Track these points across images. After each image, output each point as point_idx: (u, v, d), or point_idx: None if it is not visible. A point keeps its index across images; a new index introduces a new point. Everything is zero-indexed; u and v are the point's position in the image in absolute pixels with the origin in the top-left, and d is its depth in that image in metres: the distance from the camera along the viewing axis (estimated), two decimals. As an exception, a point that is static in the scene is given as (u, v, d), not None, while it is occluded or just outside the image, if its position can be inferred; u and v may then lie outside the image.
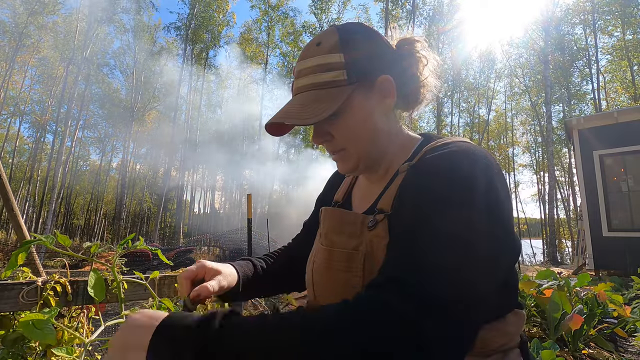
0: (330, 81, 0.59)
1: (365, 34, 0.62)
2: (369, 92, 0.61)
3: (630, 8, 20.84)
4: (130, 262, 12.14)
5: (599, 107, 23.05)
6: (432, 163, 0.54)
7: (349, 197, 0.75)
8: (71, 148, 27.23)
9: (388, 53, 0.64)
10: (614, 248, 6.48)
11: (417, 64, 0.66)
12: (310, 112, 0.57)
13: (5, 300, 1.24)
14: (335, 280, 0.62)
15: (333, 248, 0.64)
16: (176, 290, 1.70)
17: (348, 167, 0.65)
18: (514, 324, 0.58)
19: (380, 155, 0.65)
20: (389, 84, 0.61)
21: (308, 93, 0.60)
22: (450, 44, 29.06)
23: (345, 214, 0.67)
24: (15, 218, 1.72)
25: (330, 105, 0.57)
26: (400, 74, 0.64)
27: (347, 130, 0.61)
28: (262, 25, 29.64)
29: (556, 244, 19.08)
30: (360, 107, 0.60)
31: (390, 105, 0.63)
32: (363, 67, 0.60)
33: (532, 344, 1.64)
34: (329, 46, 0.60)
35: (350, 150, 0.63)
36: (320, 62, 0.60)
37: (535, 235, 38.45)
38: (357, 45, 0.61)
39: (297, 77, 0.63)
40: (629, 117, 6.84)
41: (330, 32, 0.62)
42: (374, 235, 0.58)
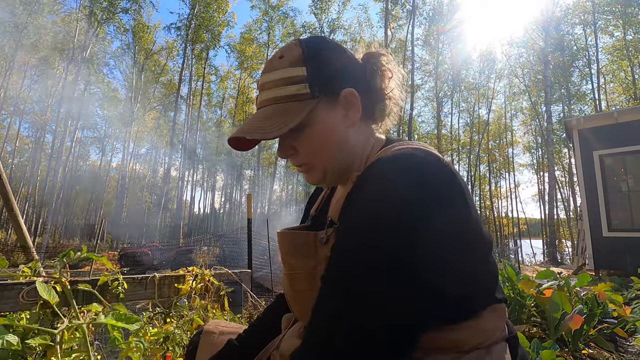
0: (293, 95, 0.58)
1: (328, 48, 0.62)
2: (333, 106, 0.61)
3: (631, 8, 20.85)
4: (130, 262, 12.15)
5: (599, 107, 23.06)
6: (367, 177, 0.53)
7: (325, 207, 0.75)
8: (71, 148, 27.25)
9: (352, 67, 0.63)
10: (614, 248, 6.48)
11: (382, 77, 0.65)
12: (271, 126, 0.57)
13: (5, 300, 1.24)
14: (304, 301, 0.63)
15: (293, 272, 0.65)
16: (176, 290, 1.70)
17: (314, 179, 0.65)
18: (491, 321, 0.57)
19: (346, 167, 0.65)
20: (353, 98, 0.61)
21: (270, 107, 0.60)
22: (450, 44, 29.09)
23: (296, 236, 0.66)
24: (15, 218, 1.73)
25: (292, 119, 0.57)
26: (365, 87, 0.63)
27: (311, 144, 0.61)
28: (262, 26, 29.67)
29: (556, 244, 19.08)
30: (324, 121, 0.60)
31: (355, 119, 0.62)
32: (326, 80, 0.60)
33: (532, 344, 1.64)
34: (291, 59, 0.60)
35: (315, 164, 0.63)
36: (283, 75, 0.59)
37: (535, 235, 38.48)
38: (320, 59, 0.60)
39: (260, 91, 0.63)
40: (629, 117, 6.84)
41: (293, 46, 0.62)
42: (327, 250, 0.58)
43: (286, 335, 0.75)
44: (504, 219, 34.55)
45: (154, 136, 34.81)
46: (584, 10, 23.45)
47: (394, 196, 0.47)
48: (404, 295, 0.45)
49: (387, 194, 0.47)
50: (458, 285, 0.50)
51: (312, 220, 0.77)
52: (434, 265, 0.46)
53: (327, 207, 0.74)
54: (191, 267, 1.80)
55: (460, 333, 0.53)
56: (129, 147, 31.39)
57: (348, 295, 0.45)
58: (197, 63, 29.38)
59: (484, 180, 33.70)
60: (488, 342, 0.56)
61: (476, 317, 0.55)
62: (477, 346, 0.54)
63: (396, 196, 0.47)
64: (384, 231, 0.45)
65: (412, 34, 24.47)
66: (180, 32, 27.49)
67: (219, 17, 28.02)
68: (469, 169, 31.71)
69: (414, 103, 25.28)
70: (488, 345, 0.56)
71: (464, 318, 0.54)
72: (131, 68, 28.99)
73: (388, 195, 0.47)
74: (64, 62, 25.73)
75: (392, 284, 0.44)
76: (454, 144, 32.21)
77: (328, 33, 27.16)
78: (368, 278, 0.44)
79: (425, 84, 31.85)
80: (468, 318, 0.54)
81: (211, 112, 34.67)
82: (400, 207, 0.46)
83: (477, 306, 0.56)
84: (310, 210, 0.81)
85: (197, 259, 12.82)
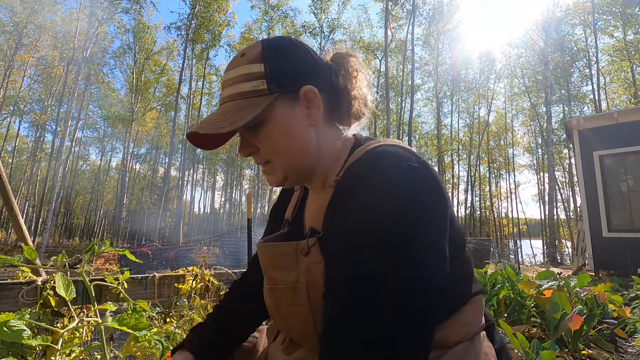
0: (251, 91, 0.59)
1: (290, 46, 0.63)
2: (292, 103, 0.60)
3: (631, 8, 20.85)
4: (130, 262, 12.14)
5: (599, 107, 23.06)
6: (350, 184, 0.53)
7: (300, 211, 0.73)
8: (71, 148, 27.27)
9: (315, 66, 0.63)
10: (613, 248, 6.48)
11: (347, 77, 0.65)
12: (226, 121, 0.57)
13: (5, 300, 1.24)
14: (287, 315, 0.62)
15: (275, 286, 0.63)
16: (176, 290, 1.70)
17: (275, 180, 0.64)
18: (472, 314, 0.59)
19: (309, 168, 0.63)
20: (313, 95, 0.60)
21: (229, 103, 0.60)
22: (450, 44, 29.11)
23: (277, 248, 0.64)
24: (15, 218, 1.73)
25: (246, 115, 0.57)
26: (329, 87, 0.63)
27: (271, 141, 0.61)
28: (262, 26, 29.65)
29: (556, 244, 19.08)
30: (283, 118, 0.60)
31: (317, 117, 0.61)
32: (285, 77, 0.60)
33: (532, 344, 1.64)
34: (251, 57, 0.60)
35: (275, 163, 0.62)
36: (243, 72, 0.60)
37: (535, 235, 38.47)
38: (279, 56, 0.61)
39: (223, 88, 0.63)
40: (629, 117, 6.84)
41: (255, 44, 0.63)
42: (309, 261, 0.58)
43: (272, 348, 0.74)
44: (504, 219, 34.55)
45: (154, 136, 34.83)
46: (584, 10, 23.46)
47: (389, 207, 0.46)
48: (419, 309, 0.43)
49: (380, 204, 0.46)
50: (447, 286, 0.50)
51: (289, 226, 0.73)
52: (433, 272, 0.46)
53: (302, 211, 0.72)
54: (191, 267, 1.81)
55: (444, 331, 0.54)
56: (129, 147, 31.39)
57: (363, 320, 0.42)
58: (198, 63, 29.39)
59: (484, 181, 33.71)
60: (470, 334, 0.58)
61: (458, 313, 0.57)
62: (460, 340, 0.56)
63: (391, 208, 0.46)
64: (388, 247, 0.44)
65: (412, 34, 24.46)
66: (181, 31, 27.49)
67: (219, 17, 28.02)
68: (469, 169, 31.72)
69: (414, 103, 25.28)
70: (470, 337, 0.58)
71: (448, 316, 0.55)
72: (131, 68, 28.99)
73: (382, 207, 0.46)
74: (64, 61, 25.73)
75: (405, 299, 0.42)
76: (454, 144, 32.21)
77: (328, 33, 27.16)
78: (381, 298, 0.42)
79: (425, 84, 31.88)
80: (451, 315, 0.56)
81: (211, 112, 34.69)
82: (397, 219, 0.45)
83: (459, 302, 0.58)
84: (285, 213, 0.77)
85: (197, 259, 12.82)
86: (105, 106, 30.81)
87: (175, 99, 26.79)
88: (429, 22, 27.52)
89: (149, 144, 36.91)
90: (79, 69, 22.83)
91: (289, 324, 0.64)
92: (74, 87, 23.19)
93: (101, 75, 29.42)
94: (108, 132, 34.70)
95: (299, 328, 0.61)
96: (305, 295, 0.58)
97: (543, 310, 2.40)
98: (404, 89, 28.10)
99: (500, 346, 0.63)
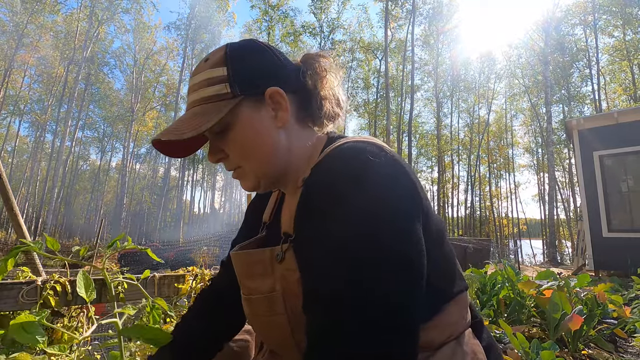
0: (214, 95, 0.57)
1: (253, 48, 0.62)
2: (258, 106, 0.59)
3: (630, 8, 20.85)
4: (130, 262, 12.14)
5: (599, 107, 23.06)
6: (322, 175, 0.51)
7: (277, 213, 0.70)
8: (71, 148, 27.27)
9: (281, 67, 0.62)
10: (613, 248, 6.48)
11: (315, 78, 0.63)
12: (189, 126, 0.55)
13: (5, 300, 1.24)
14: (265, 325, 0.61)
15: (251, 296, 0.62)
16: (176, 290, 1.70)
17: (248, 185, 0.62)
18: (456, 313, 0.57)
19: (281, 171, 0.62)
20: (278, 97, 0.59)
21: (194, 108, 0.59)
22: (450, 44, 29.12)
23: (250, 255, 0.63)
24: (15, 218, 1.72)
25: (209, 119, 0.55)
26: (297, 88, 0.62)
27: (238, 145, 0.59)
28: (262, 25, 29.66)
29: (556, 244, 19.08)
30: (249, 121, 0.58)
31: (284, 119, 0.60)
32: (248, 79, 0.59)
33: (532, 344, 1.64)
34: (214, 61, 0.59)
35: (245, 168, 0.61)
36: (206, 76, 0.59)
37: (535, 235, 38.48)
38: (242, 59, 0.60)
39: (188, 94, 0.62)
40: (629, 117, 6.84)
41: (219, 49, 0.61)
42: (284, 269, 0.56)
43: None
44: (504, 219, 34.56)
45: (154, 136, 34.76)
46: (584, 10, 23.47)
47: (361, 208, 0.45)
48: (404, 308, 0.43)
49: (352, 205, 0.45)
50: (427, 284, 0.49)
51: (266, 229, 0.71)
52: (413, 269, 0.45)
53: (279, 214, 0.69)
54: (191, 267, 1.81)
55: (428, 332, 0.52)
56: (129, 147, 31.39)
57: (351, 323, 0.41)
58: (197, 63, 29.41)
59: (484, 181, 33.70)
60: (456, 333, 0.56)
61: (442, 312, 0.55)
62: (445, 341, 0.54)
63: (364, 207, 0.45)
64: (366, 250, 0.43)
65: (412, 34, 24.47)
66: (181, 31, 27.50)
67: (219, 17, 28.04)
68: (469, 169, 31.73)
69: (414, 103, 25.28)
70: (456, 337, 0.56)
71: (432, 316, 0.54)
72: (131, 68, 28.99)
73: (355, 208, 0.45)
74: (64, 61, 25.73)
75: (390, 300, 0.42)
76: (454, 144, 32.22)
77: (328, 33, 27.17)
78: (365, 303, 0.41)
79: (425, 84, 31.88)
80: (434, 315, 0.54)
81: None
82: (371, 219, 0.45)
83: (442, 300, 0.55)
84: (262, 215, 0.75)
85: (196, 259, 12.81)
86: (106, 106, 30.80)
87: (175, 99, 26.80)
88: (429, 22, 27.55)
89: (149, 144, 36.90)
90: (79, 69, 22.84)
91: (267, 333, 0.63)
92: (74, 87, 23.19)
93: (101, 75, 29.43)
94: (108, 132, 34.71)
95: (277, 338, 0.60)
96: (282, 305, 0.56)
97: (543, 310, 2.41)
98: (404, 89, 28.10)
99: (489, 343, 0.61)
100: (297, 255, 0.55)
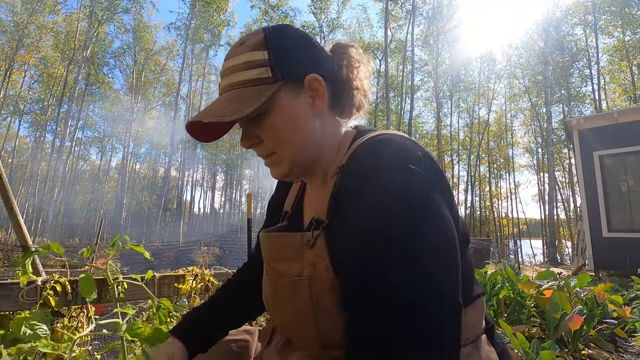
0: (254, 79, 0.56)
1: (293, 34, 0.61)
2: (297, 92, 0.58)
3: (630, 8, 20.84)
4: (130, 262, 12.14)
5: (599, 107, 23.06)
6: (362, 166, 0.51)
7: (299, 204, 0.70)
8: (71, 148, 27.26)
9: (318, 55, 0.61)
10: (613, 248, 6.48)
11: (349, 68, 0.63)
12: (230, 109, 0.54)
13: (5, 300, 1.24)
14: (286, 309, 0.60)
15: (277, 278, 0.61)
16: (176, 290, 1.70)
17: (280, 172, 0.61)
18: (473, 317, 0.58)
19: (313, 159, 0.61)
20: (317, 84, 0.58)
21: (231, 92, 0.57)
22: (450, 44, 29.10)
23: (282, 238, 0.62)
24: (15, 218, 1.72)
25: (251, 103, 0.54)
26: (332, 77, 0.62)
27: (275, 131, 0.58)
28: (262, 25, 29.61)
29: (556, 244, 19.08)
30: (288, 107, 0.57)
31: (321, 106, 0.59)
32: (289, 65, 0.57)
33: (532, 344, 1.64)
34: (253, 44, 0.57)
35: (280, 154, 0.59)
36: (244, 60, 0.57)
37: (535, 235, 38.45)
38: (283, 44, 0.58)
39: (222, 78, 0.60)
40: (629, 117, 6.84)
41: (256, 32, 0.60)
42: (314, 255, 0.55)
43: (266, 352, 0.72)
44: (504, 219, 34.55)
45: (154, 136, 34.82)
46: (584, 10, 23.46)
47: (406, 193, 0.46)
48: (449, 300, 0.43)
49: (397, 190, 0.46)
50: None
51: (288, 219, 0.71)
52: (455, 266, 0.46)
53: (301, 204, 0.69)
54: (191, 267, 1.80)
55: None
56: (129, 147, 31.39)
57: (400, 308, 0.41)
58: (197, 63, 29.39)
59: (484, 181, 33.69)
60: (473, 337, 0.57)
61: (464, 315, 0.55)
62: (463, 344, 0.55)
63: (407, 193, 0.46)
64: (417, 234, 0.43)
65: (412, 34, 24.47)
66: (180, 31, 27.49)
67: (219, 17, 28.03)
68: (468, 169, 31.72)
69: (414, 103, 25.27)
70: (473, 340, 0.57)
71: None
72: (131, 68, 28.98)
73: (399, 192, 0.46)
74: (64, 61, 25.73)
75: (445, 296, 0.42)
76: (454, 144, 32.21)
77: (327, 33, 27.15)
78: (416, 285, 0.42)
79: (425, 84, 31.86)
80: None
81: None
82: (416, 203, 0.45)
83: (464, 303, 0.56)
84: (283, 206, 0.75)
85: (196, 259, 12.82)
86: (106, 106, 30.80)
87: (175, 99, 26.80)
88: (429, 22, 27.53)
89: (149, 144, 36.95)
90: (79, 69, 22.83)
91: (287, 319, 0.61)
92: (74, 87, 23.19)
93: (101, 75, 29.42)
94: (108, 132, 34.72)
95: (298, 325, 0.58)
96: (307, 290, 0.55)
97: (543, 310, 2.40)
98: (404, 89, 28.10)
99: (502, 349, 0.62)
100: (328, 241, 0.54)
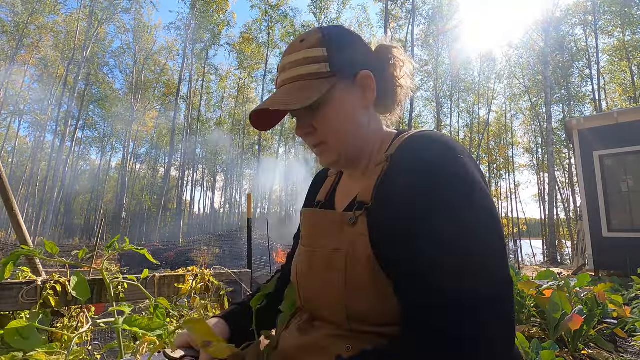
0: (314, 73, 0.62)
1: (347, 34, 0.67)
2: (350, 87, 0.64)
3: (629, 8, 20.82)
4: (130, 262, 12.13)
5: (599, 107, 23.04)
6: (416, 151, 0.58)
7: (332, 195, 0.76)
8: (71, 148, 27.24)
9: (368, 53, 0.68)
10: (613, 248, 6.48)
11: (394, 66, 0.70)
12: (295, 99, 0.60)
13: (5, 300, 1.24)
14: (319, 279, 0.63)
15: (314, 250, 0.65)
16: (176, 290, 1.70)
17: (329, 160, 0.67)
18: None
19: (360, 149, 0.67)
20: (369, 80, 0.64)
21: (293, 84, 0.63)
22: (450, 44, 29.08)
23: (324, 214, 0.69)
24: (15, 218, 1.72)
25: (313, 94, 0.60)
26: (379, 74, 0.67)
27: (329, 122, 0.64)
28: (262, 25, 29.65)
29: (556, 244, 19.07)
30: (342, 100, 0.63)
31: (370, 100, 0.66)
32: (345, 61, 0.64)
33: (532, 344, 1.64)
34: (312, 42, 0.64)
35: (330, 143, 0.65)
36: (305, 55, 0.63)
37: (535, 235, 38.43)
38: (338, 42, 0.65)
39: (281, 72, 0.66)
40: (629, 117, 6.84)
41: (314, 31, 0.66)
42: (355, 233, 0.59)
43: (285, 333, 0.70)
44: (504, 219, 34.53)
45: (154, 136, 34.82)
46: (584, 10, 23.45)
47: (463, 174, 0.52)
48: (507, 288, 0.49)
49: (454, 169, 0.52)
50: None
51: (320, 207, 0.76)
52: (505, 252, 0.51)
53: (334, 195, 0.75)
54: (191, 267, 1.80)
55: None
56: (129, 147, 31.38)
57: None
58: (197, 63, 29.38)
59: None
60: None
61: None
62: None
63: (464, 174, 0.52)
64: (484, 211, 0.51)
65: (412, 34, 24.47)
66: (180, 31, 27.50)
67: (219, 17, 28.03)
68: (469, 169, 31.59)
69: (414, 103, 25.27)
70: None
71: None
72: (131, 68, 28.97)
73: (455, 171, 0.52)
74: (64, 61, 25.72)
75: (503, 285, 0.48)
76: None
77: (328, 33, 27.13)
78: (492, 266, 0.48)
79: (425, 84, 31.86)
80: None
81: (210, 112, 34.61)
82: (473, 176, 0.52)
83: None
84: (317, 196, 0.80)
85: (196, 259, 12.81)
86: (105, 106, 30.78)
87: (175, 99, 26.80)
88: (429, 22, 27.51)
89: (149, 144, 36.92)
90: (79, 69, 22.83)
91: (318, 290, 0.63)
92: (74, 87, 23.18)
93: (101, 75, 29.41)
94: (108, 132, 34.68)
95: (328, 295, 0.60)
96: (343, 262, 0.58)
97: (543, 310, 2.40)
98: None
99: (517, 353, 0.61)
100: (370, 221, 0.59)
